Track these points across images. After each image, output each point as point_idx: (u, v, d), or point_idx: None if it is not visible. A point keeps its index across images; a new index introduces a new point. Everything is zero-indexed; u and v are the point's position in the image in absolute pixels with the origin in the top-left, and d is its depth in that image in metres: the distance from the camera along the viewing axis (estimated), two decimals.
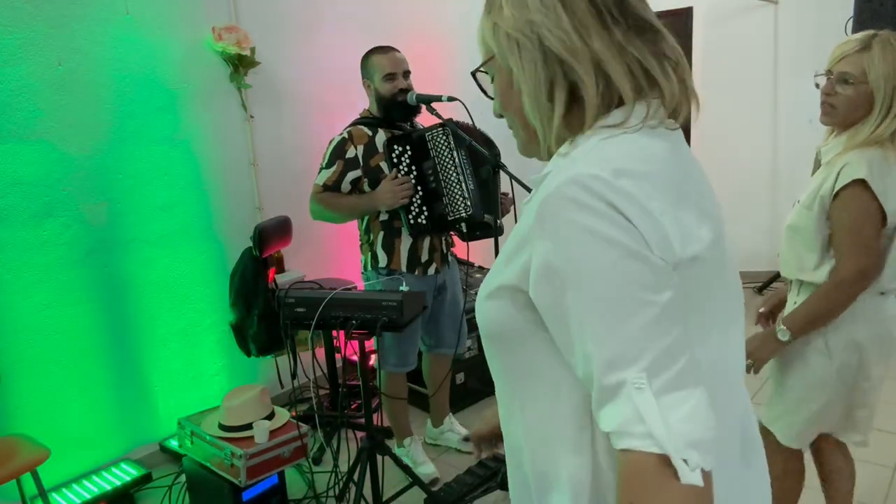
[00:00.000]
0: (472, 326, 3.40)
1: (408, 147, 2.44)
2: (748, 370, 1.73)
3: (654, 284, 0.69)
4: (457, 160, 2.40)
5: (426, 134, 2.41)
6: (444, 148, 2.40)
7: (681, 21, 5.08)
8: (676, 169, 0.78)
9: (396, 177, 2.44)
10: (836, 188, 1.64)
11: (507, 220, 2.67)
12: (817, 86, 1.76)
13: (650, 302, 0.68)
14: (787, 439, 1.85)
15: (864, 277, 1.64)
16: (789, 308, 1.83)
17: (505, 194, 2.56)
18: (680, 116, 0.84)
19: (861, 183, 1.61)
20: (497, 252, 2.35)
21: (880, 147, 1.63)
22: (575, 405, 0.78)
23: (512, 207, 2.49)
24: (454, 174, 2.40)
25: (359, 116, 2.60)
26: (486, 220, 2.43)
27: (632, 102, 0.78)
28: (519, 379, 0.85)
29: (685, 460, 0.64)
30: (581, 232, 0.69)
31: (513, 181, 2.26)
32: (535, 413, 0.83)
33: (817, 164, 1.84)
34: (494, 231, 2.38)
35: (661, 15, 5.15)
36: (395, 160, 2.45)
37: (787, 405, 1.84)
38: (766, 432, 1.85)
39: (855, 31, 3.60)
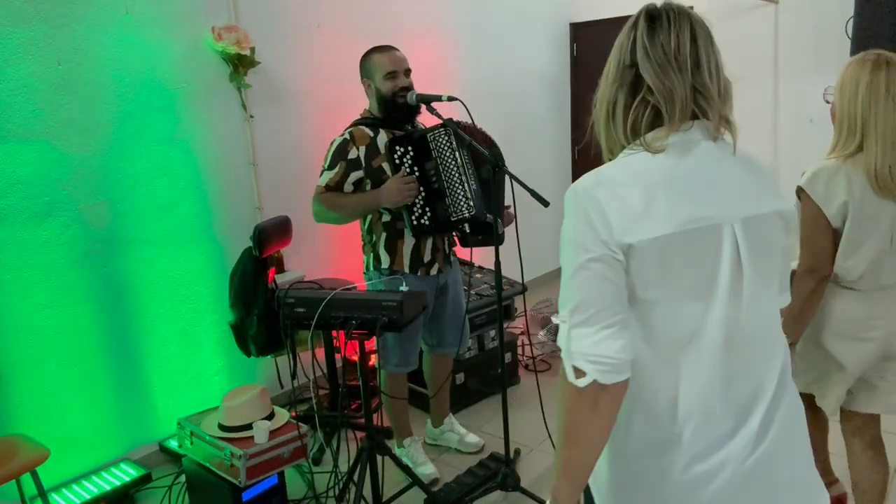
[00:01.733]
0: (473, 326, 3.41)
1: (410, 147, 2.43)
2: None
3: (588, 261, 1.04)
4: (459, 160, 2.39)
5: (428, 134, 2.40)
6: (445, 148, 2.39)
7: None
8: (664, 179, 1.07)
9: (404, 175, 2.44)
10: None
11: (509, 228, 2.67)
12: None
13: (582, 269, 1.04)
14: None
15: (811, 272, 1.84)
16: None
17: (508, 207, 2.56)
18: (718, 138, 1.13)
19: (802, 191, 1.84)
20: (497, 249, 2.37)
21: (838, 160, 1.81)
22: None
23: (513, 222, 2.50)
24: (456, 174, 2.40)
25: (359, 117, 2.60)
26: (489, 219, 2.43)
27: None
28: None
29: (577, 367, 1.03)
30: (566, 217, 1.09)
31: (513, 181, 2.26)
32: None
33: None
34: (495, 238, 2.38)
35: None
36: (397, 161, 2.45)
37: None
38: None
39: (855, 31, 3.60)
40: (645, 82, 1.08)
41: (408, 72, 2.52)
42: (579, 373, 1.02)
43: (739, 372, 1.08)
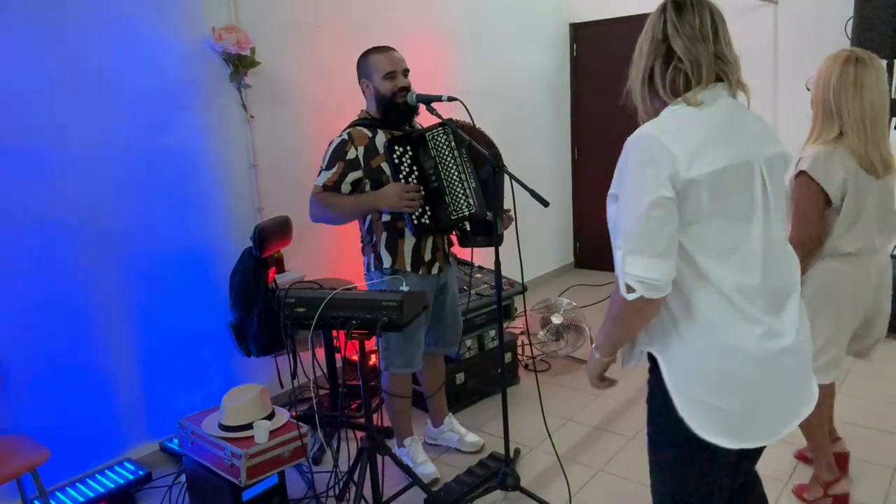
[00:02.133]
0: (474, 326, 3.41)
1: (408, 147, 2.43)
2: None
3: (650, 203, 1.30)
4: (458, 159, 2.40)
5: (427, 133, 2.40)
6: (444, 147, 2.40)
7: None
8: (706, 126, 1.35)
9: (404, 178, 2.44)
10: (794, 175, 2.13)
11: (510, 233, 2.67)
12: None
13: (639, 207, 1.31)
14: None
15: (801, 245, 2.05)
16: None
17: (507, 210, 2.56)
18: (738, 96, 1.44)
19: (804, 174, 2.10)
20: (497, 249, 2.37)
21: (828, 144, 2.09)
22: None
23: (513, 223, 2.50)
24: (456, 173, 2.40)
25: (356, 118, 2.60)
26: (489, 217, 2.43)
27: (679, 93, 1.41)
28: None
29: (628, 285, 1.32)
30: (631, 161, 1.35)
31: (513, 181, 2.26)
32: None
33: None
34: (495, 239, 2.38)
35: None
36: (396, 161, 2.45)
37: None
38: None
39: (854, 31, 3.60)
40: (676, 53, 1.38)
41: (406, 72, 2.53)
42: (630, 289, 1.33)
43: (773, 274, 1.39)
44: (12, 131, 2.51)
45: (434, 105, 2.40)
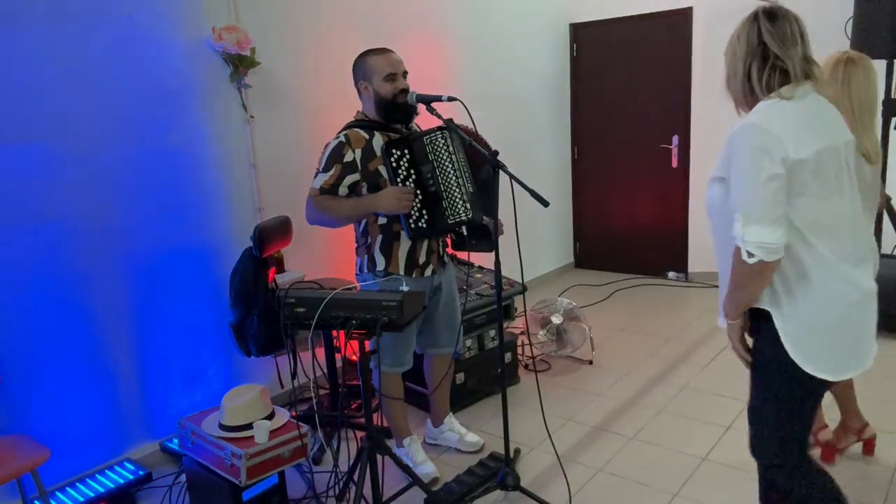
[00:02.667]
0: (473, 326, 3.41)
1: (406, 151, 2.43)
2: None
3: (763, 179, 1.56)
4: (456, 163, 2.39)
5: (424, 137, 2.40)
6: (442, 151, 2.39)
7: (681, 21, 5.08)
8: (802, 116, 1.63)
9: (402, 181, 2.44)
10: None
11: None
12: None
13: (756, 183, 1.57)
14: None
15: None
16: None
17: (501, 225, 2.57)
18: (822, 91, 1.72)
19: None
20: (497, 249, 2.37)
21: None
22: None
23: (513, 223, 2.51)
24: (453, 177, 2.40)
25: (352, 119, 2.59)
26: (486, 222, 2.43)
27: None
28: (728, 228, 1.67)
29: (749, 251, 1.58)
30: (744, 148, 1.61)
31: (513, 181, 2.26)
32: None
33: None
34: (491, 243, 2.38)
35: (662, 15, 5.16)
36: (393, 164, 2.44)
37: None
38: None
39: (854, 31, 3.60)
40: (772, 54, 1.65)
41: (405, 73, 2.53)
42: (750, 254, 1.58)
43: (857, 238, 1.71)
44: (12, 131, 2.51)
45: (434, 105, 2.40)
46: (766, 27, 1.66)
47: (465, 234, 2.59)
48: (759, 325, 1.74)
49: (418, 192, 2.44)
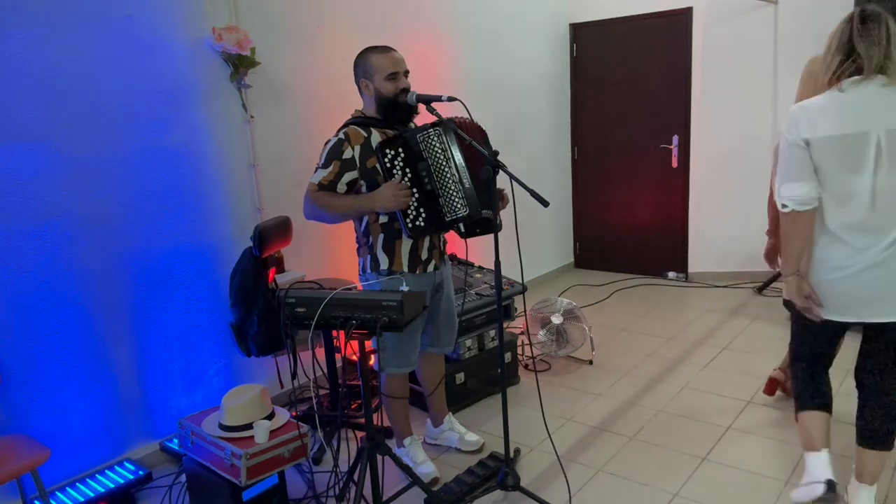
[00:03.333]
0: (473, 326, 3.41)
1: (400, 149, 2.43)
2: None
3: (790, 146, 2.05)
4: (451, 160, 2.39)
5: (418, 135, 2.39)
6: (437, 148, 2.39)
7: (681, 21, 5.08)
8: (836, 106, 1.99)
9: (398, 179, 2.44)
10: None
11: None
12: None
13: (785, 150, 2.07)
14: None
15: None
16: None
17: (502, 190, 2.56)
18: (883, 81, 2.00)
19: None
20: (497, 249, 2.35)
21: None
22: None
23: (513, 224, 2.50)
24: (449, 174, 2.39)
25: (350, 117, 2.59)
26: (485, 214, 2.42)
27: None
28: None
29: (784, 203, 2.07)
30: (785, 123, 2.10)
31: (513, 181, 2.26)
32: None
33: None
34: (494, 227, 2.37)
35: (661, 15, 5.16)
36: (388, 163, 2.44)
37: None
38: None
39: None
40: (856, 52, 1.96)
41: (406, 73, 2.52)
42: (784, 206, 2.04)
43: (881, 212, 1.99)
44: (12, 131, 2.51)
45: (434, 105, 2.40)
46: (857, 28, 1.96)
47: (463, 230, 2.59)
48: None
49: (415, 190, 2.43)
